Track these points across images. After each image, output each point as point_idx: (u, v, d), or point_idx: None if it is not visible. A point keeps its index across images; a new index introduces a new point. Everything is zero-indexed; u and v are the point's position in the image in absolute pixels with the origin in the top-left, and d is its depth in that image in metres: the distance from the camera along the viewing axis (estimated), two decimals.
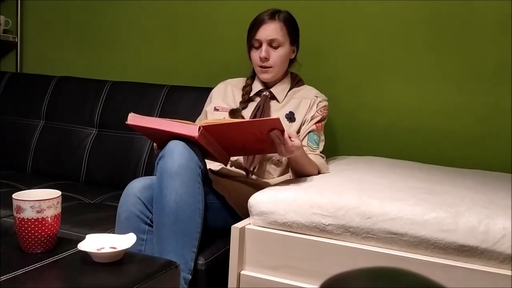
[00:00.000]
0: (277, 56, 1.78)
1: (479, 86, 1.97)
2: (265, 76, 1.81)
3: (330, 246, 1.34)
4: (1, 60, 2.83)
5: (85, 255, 1.16)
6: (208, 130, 1.43)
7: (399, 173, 1.69)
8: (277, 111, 1.80)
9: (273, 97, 1.84)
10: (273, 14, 1.78)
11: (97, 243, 1.20)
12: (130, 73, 2.52)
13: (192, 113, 2.01)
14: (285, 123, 1.75)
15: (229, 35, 2.31)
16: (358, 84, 2.14)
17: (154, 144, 1.61)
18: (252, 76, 1.90)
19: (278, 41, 1.77)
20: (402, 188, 1.47)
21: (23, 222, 1.16)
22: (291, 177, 1.72)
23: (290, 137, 1.47)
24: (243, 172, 1.77)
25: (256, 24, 1.79)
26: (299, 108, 1.81)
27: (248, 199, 1.46)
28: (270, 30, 1.77)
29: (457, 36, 1.99)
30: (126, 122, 1.47)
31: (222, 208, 1.61)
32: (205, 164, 1.52)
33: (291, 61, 1.87)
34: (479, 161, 1.97)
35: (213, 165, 1.75)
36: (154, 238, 1.45)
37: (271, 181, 1.76)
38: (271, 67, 1.79)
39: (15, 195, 1.18)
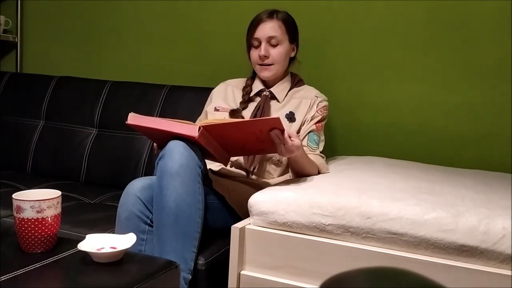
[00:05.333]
0: (276, 53, 1.78)
1: (479, 86, 1.97)
2: (266, 74, 1.81)
3: (330, 246, 1.34)
4: (1, 60, 2.83)
5: (85, 255, 1.16)
6: (208, 130, 1.43)
7: (399, 173, 1.69)
8: (277, 111, 1.81)
9: (273, 97, 1.84)
10: (271, 13, 1.79)
11: (97, 243, 1.20)
12: (130, 73, 2.52)
13: (192, 113, 2.01)
14: (285, 123, 1.76)
15: (229, 35, 2.31)
16: (358, 84, 2.14)
17: (154, 144, 1.62)
18: (253, 77, 1.90)
19: (277, 38, 1.78)
20: (402, 188, 1.47)
21: (23, 222, 1.16)
22: (291, 177, 1.72)
23: (290, 137, 1.47)
24: (243, 172, 1.77)
25: (254, 23, 1.80)
26: (299, 108, 1.81)
27: (248, 199, 1.46)
28: (269, 28, 1.77)
29: (457, 36, 1.99)
30: (126, 122, 1.47)
31: (222, 208, 1.61)
32: (205, 164, 1.52)
33: (291, 60, 1.88)
34: (479, 161, 1.97)
35: (213, 165, 1.75)
36: (154, 238, 1.46)
37: (271, 181, 1.76)
38: (271, 64, 1.80)
39: (15, 195, 1.18)
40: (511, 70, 1.92)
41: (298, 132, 1.77)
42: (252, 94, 1.85)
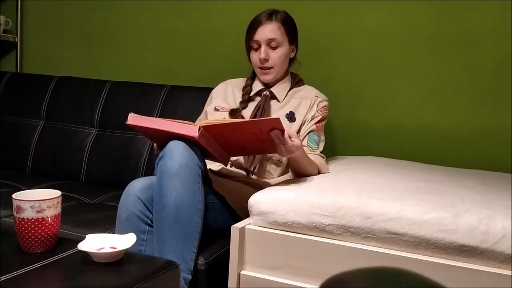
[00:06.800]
0: (276, 57, 1.78)
1: (479, 86, 1.97)
2: (266, 78, 1.81)
3: (330, 246, 1.34)
4: (1, 60, 2.83)
5: (85, 255, 1.16)
6: (208, 130, 1.43)
7: (399, 173, 1.69)
8: (277, 111, 1.81)
9: (273, 97, 1.84)
10: (270, 15, 1.79)
11: (97, 243, 1.20)
12: (130, 73, 2.52)
13: (192, 113, 2.01)
14: (285, 123, 1.76)
15: (229, 35, 2.31)
16: (358, 84, 2.14)
17: (154, 144, 1.62)
18: (252, 76, 1.90)
19: (277, 41, 1.77)
20: (402, 188, 1.47)
21: (23, 222, 1.16)
22: (291, 177, 1.72)
23: (290, 137, 1.47)
24: (243, 172, 1.77)
25: (253, 26, 1.79)
26: (299, 108, 1.81)
27: (248, 199, 1.46)
28: (268, 31, 1.77)
29: (457, 37, 1.99)
30: (126, 122, 1.47)
31: (222, 208, 1.61)
32: (205, 164, 1.52)
33: (291, 61, 1.88)
34: (479, 161, 1.97)
35: (213, 165, 1.75)
36: (154, 238, 1.46)
37: (271, 181, 1.76)
38: (271, 67, 1.79)
39: (15, 195, 1.18)
40: (511, 70, 1.92)
41: (298, 132, 1.77)
42: (252, 93, 1.85)
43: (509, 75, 1.92)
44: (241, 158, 1.76)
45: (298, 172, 1.64)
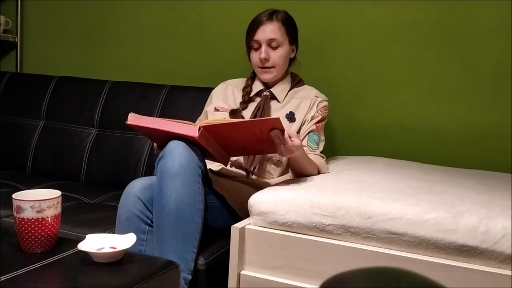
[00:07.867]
0: (277, 57, 1.78)
1: (479, 86, 1.97)
2: (266, 77, 1.81)
3: (330, 246, 1.34)
4: (1, 60, 2.83)
5: (85, 255, 1.16)
6: (208, 130, 1.43)
7: (399, 173, 1.69)
8: (277, 111, 1.81)
9: (273, 97, 1.84)
10: (271, 15, 1.79)
11: (97, 243, 1.20)
12: (130, 73, 2.52)
13: (192, 113, 2.01)
14: (285, 123, 1.76)
15: (229, 35, 2.31)
16: (358, 84, 2.14)
17: (154, 144, 1.62)
18: (252, 77, 1.90)
19: (277, 41, 1.77)
20: (402, 188, 1.47)
21: (23, 222, 1.16)
22: (291, 177, 1.72)
23: (290, 137, 1.47)
24: (243, 172, 1.77)
25: (254, 26, 1.79)
26: (299, 108, 1.81)
27: (248, 199, 1.46)
28: (269, 31, 1.77)
29: (457, 36, 1.99)
30: (126, 122, 1.47)
31: (222, 208, 1.61)
32: (205, 164, 1.52)
33: (291, 61, 1.88)
34: (479, 161, 1.97)
35: (213, 165, 1.75)
36: (154, 238, 1.46)
37: (271, 181, 1.76)
38: (272, 67, 1.79)
39: (15, 195, 1.18)
40: (511, 70, 1.92)
41: (298, 132, 1.77)
42: (252, 94, 1.85)
43: (509, 74, 1.92)
44: (241, 158, 1.76)
45: (298, 172, 1.64)
